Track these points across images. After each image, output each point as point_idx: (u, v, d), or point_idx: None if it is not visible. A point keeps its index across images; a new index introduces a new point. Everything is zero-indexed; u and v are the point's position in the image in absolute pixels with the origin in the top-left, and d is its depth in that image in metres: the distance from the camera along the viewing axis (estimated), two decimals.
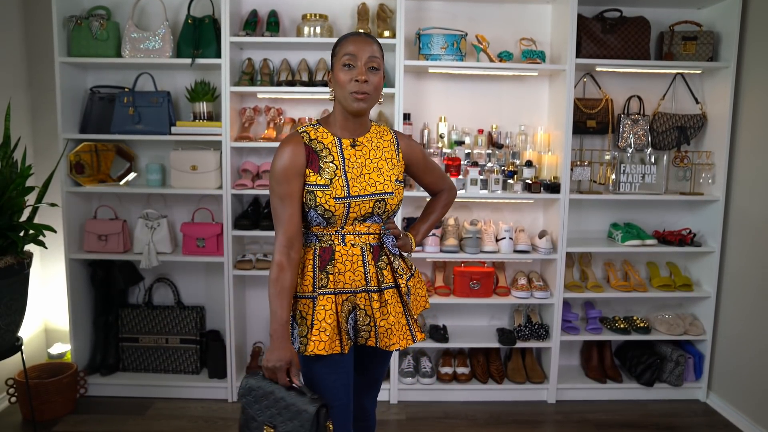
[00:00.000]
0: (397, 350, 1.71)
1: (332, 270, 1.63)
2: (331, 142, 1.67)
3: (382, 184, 1.66)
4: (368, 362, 1.82)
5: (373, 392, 1.91)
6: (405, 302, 1.70)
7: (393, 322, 1.65)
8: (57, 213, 2.99)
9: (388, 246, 1.69)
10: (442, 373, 3.13)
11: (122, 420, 2.83)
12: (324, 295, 1.62)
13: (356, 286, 1.65)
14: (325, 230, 1.65)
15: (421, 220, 1.91)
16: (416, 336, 1.72)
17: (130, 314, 3.14)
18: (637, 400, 3.14)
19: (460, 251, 3.05)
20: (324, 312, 1.61)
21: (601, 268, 3.33)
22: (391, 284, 1.69)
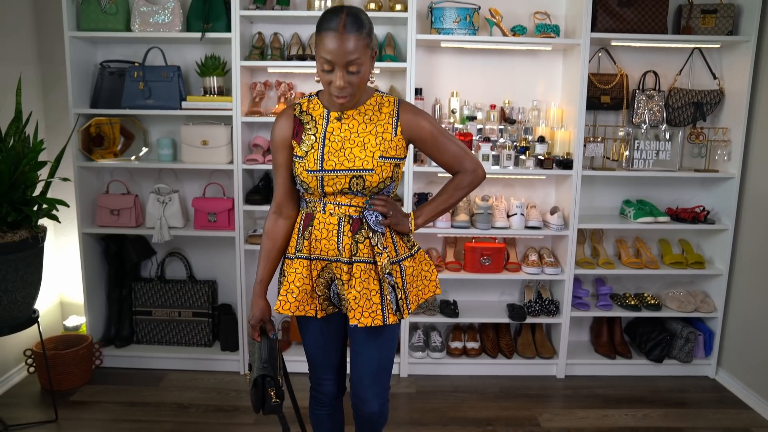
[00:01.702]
0: (355, 325, 1.61)
1: (308, 236, 1.66)
2: (319, 114, 1.66)
3: (362, 160, 1.59)
4: (357, 342, 1.73)
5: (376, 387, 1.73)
6: (384, 280, 1.62)
7: (356, 296, 1.60)
8: (69, 188, 3.00)
9: (368, 221, 1.63)
10: (452, 348, 3.15)
11: (137, 391, 2.88)
12: (299, 258, 1.67)
13: (331, 255, 1.65)
14: (310, 197, 1.68)
15: (431, 201, 1.77)
16: (387, 318, 1.62)
17: (143, 288, 3.16)
18: (646, 376, 3.14)
19: (471, 227, 3.03)
20: (294, 274, 1.66)
21: (613, 244, 3.30)
22: (365, 259, 1.62)
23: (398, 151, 1.64)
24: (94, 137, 2.98)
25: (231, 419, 2.64)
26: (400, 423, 2.63)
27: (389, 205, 1.66)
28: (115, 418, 2.63)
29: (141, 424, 2.58)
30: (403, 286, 1.67)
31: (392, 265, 1.66)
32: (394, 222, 1.67)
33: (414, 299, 1.73)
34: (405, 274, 1.68)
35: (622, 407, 2.81)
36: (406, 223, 1.71)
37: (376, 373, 1.73)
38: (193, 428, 2.56)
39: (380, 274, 1.62)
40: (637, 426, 2.65)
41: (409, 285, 1.70)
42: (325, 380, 1.84)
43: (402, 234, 1.72)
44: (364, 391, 1.73)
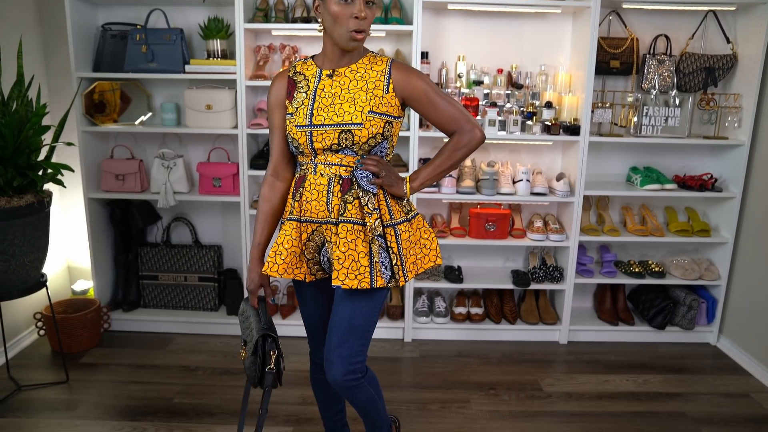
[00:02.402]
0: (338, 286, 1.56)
1: (299, 198, 1.65)
2: (312, 73, 1.66)
3: (351, 114, 1.56)
4: (336, 298, 1.68)
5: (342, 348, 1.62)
6: (371, 242, 1.58)
7: (340, 256, 1.56)
8: (74, 153, 2.99)
9: (359, 181, 1.59)
10: (456, 313, 3.17)
11: (145, 353, 2.92)
12: (289, 221, 1.66)
13: (321, 216, 1.63)
14: (303, 159, 1.66)
15: (427, 164, 1.70)
16: (376, 281, 1.57)
17: (149, 253, 3.18)
18: (648, 342, 3.17)
19: (476, 192, 3.01)
20: (284, 237, 1.65)
21: (619, 212, 3.28)
22: (352, 219, 1.58)
23: (390, 109, 1.61)
24: (97, 104, 2.96)
25: (237, 381, 2.68)
26: (403, 386, 2.67)
27: (381, 166, 1.61)
28: (124, 379, 2.68)
29: (149, 386, 2.62)
30: (398, 251, 1.62)
31: (386, 228, 1.61)
32: (387, 183, 1.62)
33: (412, 267, 1.67)
34: (401, 238, 1.62)
35: (623, 373, 2.84)
36: (401, 186, 1.65)
37: (344, 332, 1.63)
38: (201, 390, 2.60)
39: (370, 235, 1.58)
40: (638, 391, 2.68)
41: (405, 251, 1.64)
42: (317, 346, 1.86)
43: (397, 197, 1.67)
44: (329, 352, 1.64)
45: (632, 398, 2.62)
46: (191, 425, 2.34)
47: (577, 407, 2.54)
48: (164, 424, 2.35)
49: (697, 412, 2.52)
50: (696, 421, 2.46)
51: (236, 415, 2.41)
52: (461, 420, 2.42)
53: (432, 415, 2.46)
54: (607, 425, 2.41)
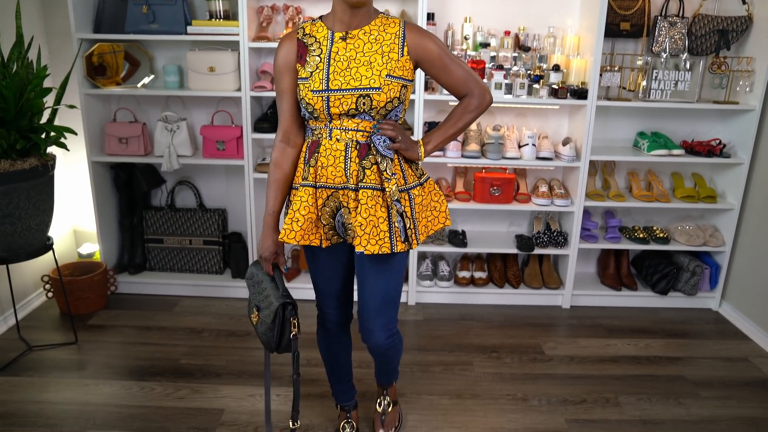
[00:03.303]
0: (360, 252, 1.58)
1: (314, 163, 1.63)
2: (323, 35, 1.61)
3: (369, 78, 1.55)
4: (363, 269, 1.72)
5: (382, 319, 1.73)
6: (392, 207, 1.60)
7: (362, 223, 1.57)
8: (76, 116, 2.97)
9: (376, 146, 1.59)
10: (460, 277, 3.19)
11: (151, 315, 2.96)
12: (304, 187, 1.63)
13: (338, 182, 1.61)
14: (315, 123, 1.63)
15: (438, 127, 1.72)
16: (396, 245, 1.60)
17: (154, 216, 3.19)
18: (650, 307, 3.19)
19: (481, 157, 3.00)
20: (299, 203, 1.62)
21: (625, 177, 3.26)
22: (372, 185, 1.59)
23: (405, 72, 1.59)
24: (96, 66, 2.92)
25: (243, 344, 2.72)
26: (407, 349, 2.70)
27: (398, 130, 1.62)
28: (131, 341, 2.72)
29: (156, 347, 2.67)
30: (411, 215, 1.64)
31: (400, 193, 1.62)
32: (403, 147, 1.63)
33: (423, 230, 1.70)
34: (414, 203, 1.65)
35: (624, 337, 2.87)
36: (415, 149, 1.67)
37: (381, 303, 1.72)
38: (207, 351, 2.65)
39: (388, 201, 1.59)
40: (639, 355, 2.71)
41: (418, 215, 1.67)
42: (331, 309, 1.87)
43: (410, 162, 1.69)
44: (369, 323, 1.74)
45: (633, 362, 2.65)
46: (198, 385, 2.39)
47: (579, 370, 2.57)
48: (171, 384, 2.40)
49: (696, 376, 2.55)
50: (695, 384, 2.49)
51: (242, 375, 2.46)
52: (464, 382, 2.46)
53: (435, 376, 2.50)
54: (608, 388, 2.45)
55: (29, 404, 2.24)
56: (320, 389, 2.37)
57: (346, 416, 2.07)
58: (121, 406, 2.25)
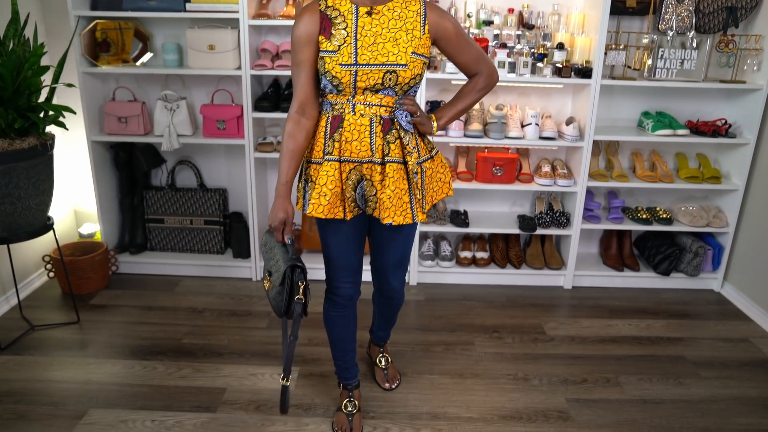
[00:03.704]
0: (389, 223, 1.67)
1: (339, 138, 1.66)
2: (347, 9, 1.64)
3: (396, 55, 1.60)
4: (383, 239, 1.86)
5: (399, 271, 1.96)
6: (411, 181, 1.68)
7: (390, 195, 1.65)
8: (75, 95, 2.95)
9: (399, 121, 1.66)
10: (462, 257, 3.19)
11: (153, 295, 2.97)
12: (329, 161, 1.67)
13: (362, 156, 1.67)
14: (337, 98, 1.66)
15: (449, 104, 1.82)
16: (417, 215, 1.71)
17: (155, 196, 3.19)
18: (652, 288, 3.19)
19: (484, 136, 2.98)
20: (326, 177, 1.66)
21: (628, 157, 3.24)
22: (396, 159, 1.66)
23: (425, 50, 1.66)
24: (101, 43, 2.89)
25: (244, 323, 2.73)
26: (408, 329, 2.72)
27: (416, 105, 1.70)
28: (133, 320, 2.74)
29: (158, 327, 2.68)
30: (421, 186, 1.71)
31: (416, 166, 1.70)
32: (421, 122, 1.72)
33: (429, 200, 1.78)
34: (425, 175, 1.73)
35: (626, 318, 2.88)
36: (430, 124, 1.76)
37: (399, 261, 1.92)
38: (208, 331, 2.66)
39: (410, 174, 1.67)
40: (640, 335, 2.72)
41: (427, 186, 1.75)
42: (344, 283, 1.89)
43: (422, 136, 1.77)
44: (388, 274, 1.95)
45: (634, 342, 2.66)
46: (200, 364, 2.41)
47: (580, 350, 2.59)
48: (173, 363, 2.41)
49: (696, 356, 2.56)
50: (695, 364, 2.50)
51: (244, 354, 2.47)
52: (465, 361, 2.48)
53: (436, 356, 2.51)
54: (609, 368, 2.46)
55: (32, 383, 2.26)
56: (322, 368, 2.39)
57: (348, 395, 2.09)
58: (123, 384, 2.27)
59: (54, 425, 2.03)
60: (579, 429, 2.09)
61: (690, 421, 2.15)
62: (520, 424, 2.11)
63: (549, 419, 2.14)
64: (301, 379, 2.33)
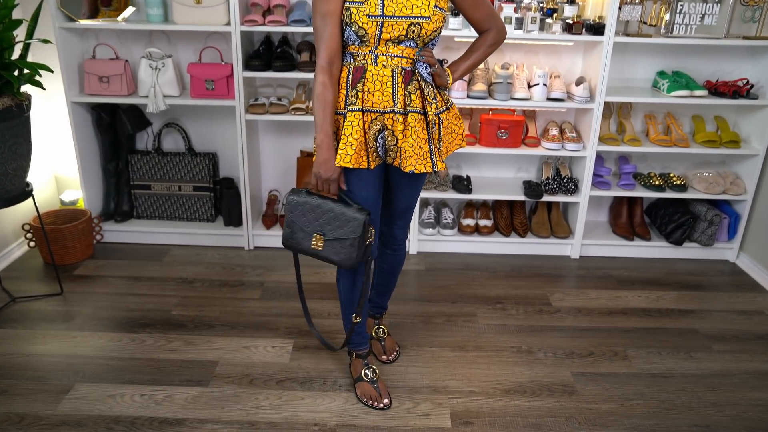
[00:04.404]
0: (411, 171, 1.77)
1: (362, 88, 1.75)
2: None
3: (419, 7, 1.69)
4: (397, 186, 1.96)
5: (404, 221, 2.08)
6: (430, 130, 1.78)
7: (412, 144, 1.75)
8: (52, 52, 2.88)
9: (420, 72, 1.75)
10: (464, 225, 3.17)
11: (141, 265, 2.96)
12: (352, 111, 1.75)
13: (384, 106, 1.76)
14: (359, 49, 1.74)
15: (462, 58, 1.91)
16: (436, 164, 1.80)
17: (140, 161, 3.14)
18: (664, 258, 3.18)
19: (488, 97, 2.93)
20: (351, 127, 1.74)
21: (641, 120, 3.19)
22: (417, 109, 1.76)
23: (445, 4, 1.76)
24: None
25: (237, 294, 2.73)
26: (408, 299, 2.71)
27: (435, 58, 1.80)
28: (120, 291, 2.73)
29: (146, 298, 2.68)
30: (439, 137, 1.81)
31: (435, 117, 1.79)
32: (438, 74, 1.81)
33: (445, 150, 1.87)
34: (441, 126, 1.82)
35: (635, 289, 2.88)
36: (446, 77, 1.84)
37: (404, 210, 2.05)
38: (199, 302, 2.65)
39: (429, 124, 1.78)
40: (649, 307, 2.72)
41: (443, 137, 1.85)
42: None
43: (439, 88, 1.85)
44: (396, 220, 2.06)
45: (643, 314, 2.66)
46: (190, 337, 2.40)
47: (587, 322, 2.58)
48: (163, 335, 2.41)
49: (709, 329, 2.56)
50: (707, 337, 2.50)
51: (236, 326, 2.47)
52: (467, 333, 2.48)
53: (437, 328, 2.51)
54: (616, 341, 2.46)
55: (15, 357, 2.26)
56: (318, 342, 2.39)
57: (365, 362, 2.12)
58: (110, 358, 2.27)
59: (38, 400, 2.04)
60: (585, 403, 2.09)
61: (700, 396, 2.15)
62: (524, 397, 2.11)
63: (554, 393, 2.14)
64: (295, 352, 2.33)
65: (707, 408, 2.10)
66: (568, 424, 2.00)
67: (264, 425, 1.96)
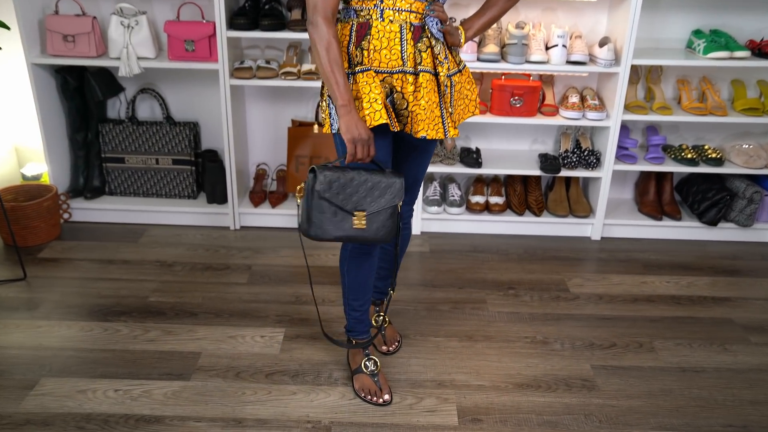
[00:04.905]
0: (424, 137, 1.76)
1: (367, 46, 1.74)
2: None
3: None
4: (406, 157, 1.98)
5: (411, 196, 2.10)
6: (441, 93, 1.77)
7: (424, 108, 1.74)
8: (7, 7, 2.86)
9: (430, 28, 1.75)
10: (473, 203, 3.18)
11: (114, 247, 2.97)
12: (362, 72, 1.74)
13: (392, 66, 1.75)
14: (363, 3, 1.73)
15: (476, 15, 1.91)
16: (449, 130, 1.80)
17: (113, 131, 3.14)
18: (696, 240, 3.19)
19: (501, 60, 2.92)
20: (369, 86, 1.73)
21: (673, 86, 3.18)
22: (429, 69, 1.75)
23: None
24: None
25: (222, 278, 2.74)
26: (410, 284, 2.73)
27: (446, 14, 1.81)
28: (91, 276, 2.74)
29: (121, 283, 2.69)
30: (450, 102, 1.81)
31: (447, 79, 1.79)
32: (450, 31, 1.81)
33: (456, 117, 1.87)
34: (453, 90, 1.82)
35: (663, 274, 2.89)
36: (458, 35, 1.84)
37: (412, 183, 2.06)
38: (180, 288, 2.67)
39: (441, 86, 1.77)
40: (679, 294, 2.73)
41: (455, 102, 1.85)
42: None
43: (450, 48, 1.85)
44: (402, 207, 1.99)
45: (672, 302, 2.67)
46: (170, 326, 2.42)
47: (608, 311, 2.60)
48: (139, 324, 2.42)
49: (745, 319, 2.57)
50: (744, 328, 2.51)
51: (221, 314, 2.49)
52: (475, 322, 2.49)
53: (442, 316, 2.52)
54: (641, 331, 2.47)
55: None
56: (311, 330, 2.40)
57: (365, 353, 2.14)
58: (81, 350, 2.28)
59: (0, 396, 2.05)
60: (606, 399, 2.11)
61: (736, 393, 2.16)
62: (538, 393, 2.13)
63: (571, 388, 2.16)
64: (286, 342, 2.34)
65: (743, 406, 2.11)
66: (587, 422, 2.02)
67: (252, 422, 1.97)
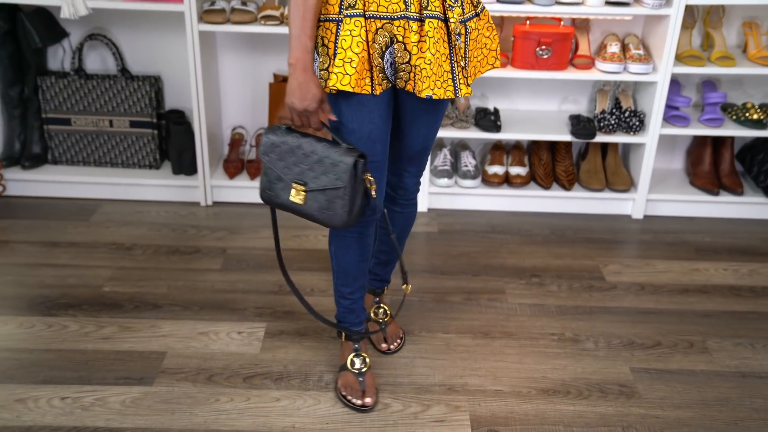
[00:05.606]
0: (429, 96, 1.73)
1: None
2: None
3: None
4: (411, 120, 1.95)
5: (418, 166, 2.09)
6: (453, 44, 1.74)
7: (431, 61, 1.71)
8: None
9: None
10: (490, 174, 3.18)
11: (60, 227, 2.97)
12: (351, 17, 1.71)
13: (393, 10, 1.72)
14: None
15: None
16: (460, 88, 1.77)
17: (55, 86, 3.12)
18: (760, 219, 3.21)
19: (525, 1, 2.90)
20: (350, 38, 1.71)
21: (738, 30, 3.18)
22: (437, 14, 1.72)
23: None
24: None
25: (191, 264, 2.75)
26: (416, 271, 2.73)
27: None
28: (31, 262, 2.74)
29: (69, 270, 2.69)
30: (465, 52, 1.78)
31: (459, 25, 1.76)
32: None
33: (472, 71, 1.85)
34: (469, 38, 1.80)
35: (720, 260, 2.89)
36: None
37: (419, 151, 2.04)
38: (140, 275, 2.67)
39: (452, 35, 1.74)
40: (739, 284, 2.73)
41: (470, 53, 1.83)
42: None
43: None
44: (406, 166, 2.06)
45: (730, 293, 2.67)
46: (129, 321, 2.42)
47: (652, 303, 2.60)
48: (92, 319, 2.42)
49: None
50: None
51: (190, 306, 2.50)
52: (492, 316, 2.50)
53: (453, 308, 2.53)
54: (692, 328, 2.47)
55: None
56: (297, 324, 2.41)
57: (355, 347, 2.15)
58: (19, 350, 2.28)
59: None
60: (648, 409, 2.11)
61: None
62: (567, 400, 2.13)
63: (607, 395, 2.16)
64: (268, 339, 2.35)
65: None
66: None
67: None
